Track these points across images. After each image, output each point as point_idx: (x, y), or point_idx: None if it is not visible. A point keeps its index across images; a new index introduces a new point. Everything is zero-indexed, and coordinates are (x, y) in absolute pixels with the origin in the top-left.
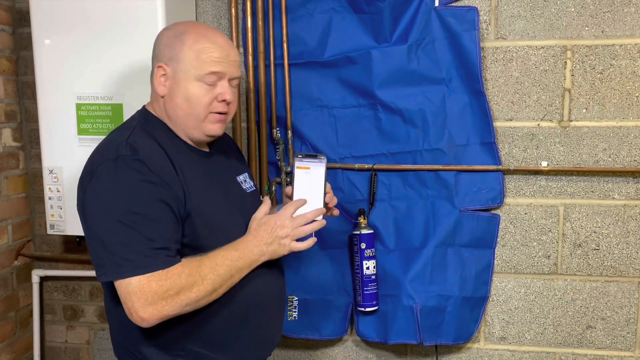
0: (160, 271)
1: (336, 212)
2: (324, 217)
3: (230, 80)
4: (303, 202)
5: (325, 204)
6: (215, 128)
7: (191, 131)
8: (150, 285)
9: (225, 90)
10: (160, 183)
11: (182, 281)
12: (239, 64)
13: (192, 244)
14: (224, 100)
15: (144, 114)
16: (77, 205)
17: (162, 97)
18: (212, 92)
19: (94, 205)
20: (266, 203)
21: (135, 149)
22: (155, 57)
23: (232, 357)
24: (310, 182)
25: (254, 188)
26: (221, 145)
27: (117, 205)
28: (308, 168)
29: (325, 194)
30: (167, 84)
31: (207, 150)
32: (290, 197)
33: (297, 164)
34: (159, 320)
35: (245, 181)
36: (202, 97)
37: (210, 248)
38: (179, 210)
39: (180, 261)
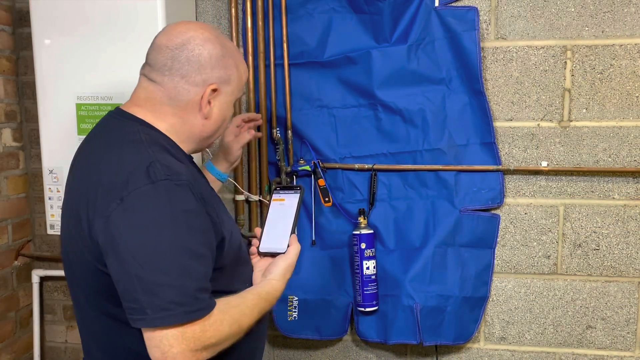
0: (206, 316)
1: None
2: None
3: None
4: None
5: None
6: None
7: (199, 145)
8: (194, 331)
9: None
10: (202, 212)
11: (225, 330)
12: None
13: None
14: None
15: (140, 123)
16: (95, 233)
17: (206, 118)
18: None
19: (131, 237)
20: (297, 245)
21: (176, 171)
22: (197, 73)
23: None
24: (282, 213)
25: None
26: None
27: (162, 240)
28: (283, 200)
29: (296, 223)
30: (211, 104)
31: None
32: (262, 227)
33: (274, 196)
34: None
35: None
36: (230, 118)
37: (227, 274)
38: (215, 239)
39: (216, 303)
